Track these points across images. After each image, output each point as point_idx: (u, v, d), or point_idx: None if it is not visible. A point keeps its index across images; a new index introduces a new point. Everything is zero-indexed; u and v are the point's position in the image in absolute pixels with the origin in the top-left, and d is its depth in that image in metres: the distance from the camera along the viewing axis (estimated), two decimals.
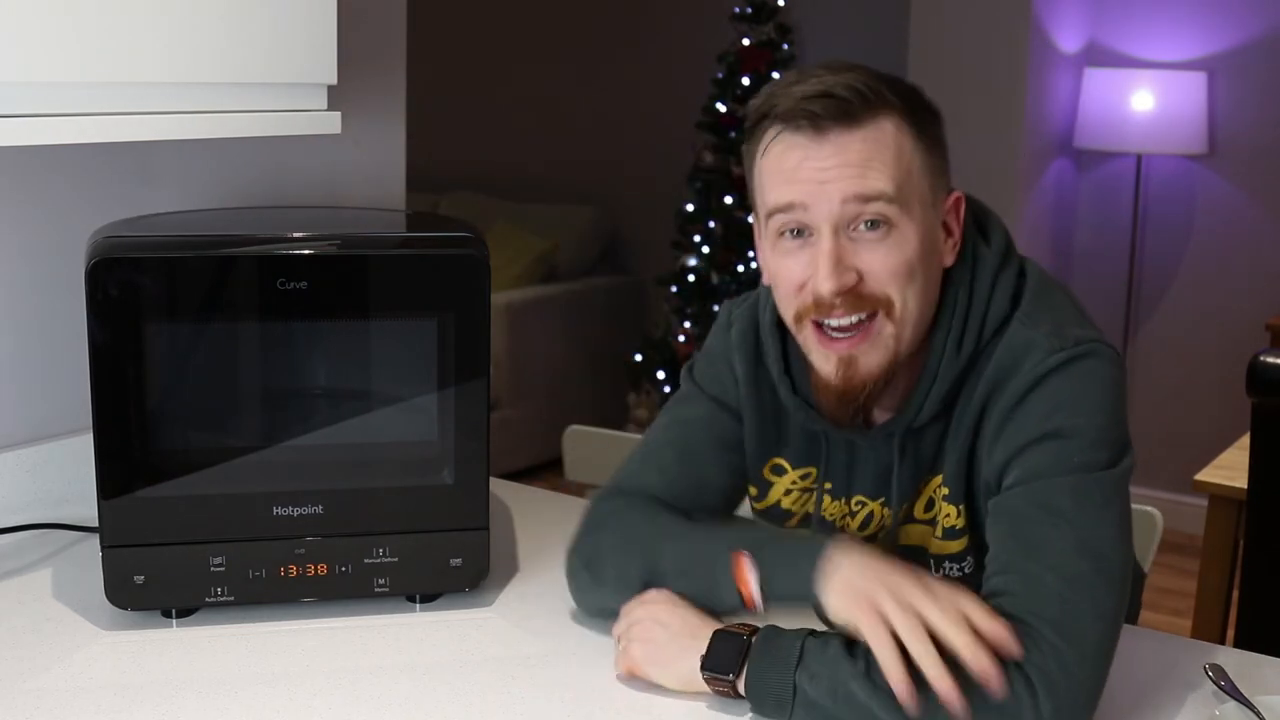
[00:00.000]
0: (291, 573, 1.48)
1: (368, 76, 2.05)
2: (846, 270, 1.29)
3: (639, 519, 1.44)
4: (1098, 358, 1.31)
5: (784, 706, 1.23)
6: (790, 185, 1.30)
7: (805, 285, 1.31)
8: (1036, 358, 1.31)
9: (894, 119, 1.30)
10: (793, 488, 1.50)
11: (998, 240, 1.39)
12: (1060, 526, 1.24)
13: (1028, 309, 1.35)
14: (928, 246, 1.32)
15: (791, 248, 1.32)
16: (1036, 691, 1.16)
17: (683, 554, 1.37)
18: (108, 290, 1.40)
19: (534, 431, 5.02)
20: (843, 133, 1.28)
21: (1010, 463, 1.30)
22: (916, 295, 1.31)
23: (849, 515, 1.47)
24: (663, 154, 5.42)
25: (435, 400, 1.52)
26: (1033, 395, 1.30)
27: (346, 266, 1.48)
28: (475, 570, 1.53)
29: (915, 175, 1.30)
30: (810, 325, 1.33)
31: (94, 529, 1.60)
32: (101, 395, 1.42)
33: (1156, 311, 4.64)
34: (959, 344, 1.35)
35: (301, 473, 1.50)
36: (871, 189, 1.28)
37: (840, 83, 1.28)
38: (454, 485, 1.52)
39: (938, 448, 1.40)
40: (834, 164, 1.28)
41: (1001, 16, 4.33)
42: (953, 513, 1.38)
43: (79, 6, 1.39)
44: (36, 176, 1.76)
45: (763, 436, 1.49)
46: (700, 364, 1.55)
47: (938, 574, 1.42)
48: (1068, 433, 1.28)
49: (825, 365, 1.34)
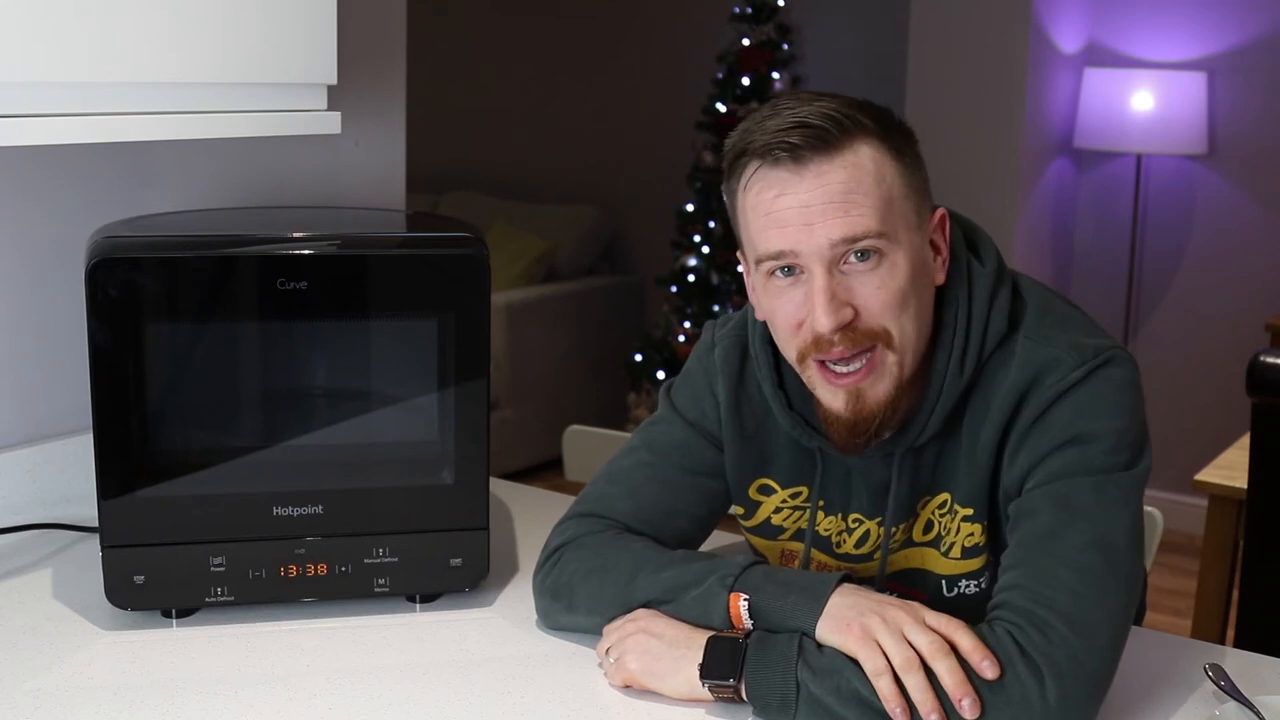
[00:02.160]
0: (291, 573, 1.48)
1: (368, 76, 2.05)
2: (842, 306, 1.29)
3: (608, 547, 1.43)
4: (1117, 364, 1.33)
5: (788, 706, 1.23)
6: (779, 231, 1.29)
7: (803, 324, 1.31)
8: (1060, 374, 1.32)
9: (871, 143, 1.29)
10: (783, 506, 1.49)
11: (990, 257, 1.39)
12: (1077, 523, 1.26)
13: (1036, 325, 1.36)
14: (918, 269, 1.32)
15: (783, 286, 1.32)
16: (1044, 680, 1.18)
17: (659, 586, 1.36)
18: (108, 290, 1.40)
19: (534, 431, 5.03)
20: (822, 162, 1.27)
21: (1032, 470, 1.32)
22: (912, 320, 1.32)
23: (846, 531, 1.46)
24: (663, 154, 5.42)
25: (435, 400, 1.52)
26: (1056, 407, 1.31)
27: (347, 266, 1.48)
28: (475, 570, 1.53)
29: (898, 200, 1.30)
30: (814, 364, 1.33)
31: (94, 529, 1.60)
32: (101, 395, 1.42)
33: (1156, 311, 4.64)
34: (961, 363, 1.35)
35: (302, 473, 1.50)
36: (857, 229, 1.27)
37: (814, 112, 1.28)
38: (454, 485, 1.52)
39: (935, 467, 1.40)
40: (818, 201, 1.27)
41: (1001, 16, 4.33)
42: (976, 531, 1.38)
43: (79, 7, 1.39)
44: (36, 176, 1.76)
45: (745, 459, 1.48)
46: (679, 387, 1.54)
47: (951, 593, 1.42)
48: (1089, 438, 1.29)
49: (834, 401, 1.34)
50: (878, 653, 1.21)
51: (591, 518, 1.48)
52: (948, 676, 1.18)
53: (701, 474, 1.49)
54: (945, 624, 1.22)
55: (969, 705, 1.17)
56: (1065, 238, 4.71)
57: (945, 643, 1.20)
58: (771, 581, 1.30)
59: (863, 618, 1.22)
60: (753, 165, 1.31)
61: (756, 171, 1.31)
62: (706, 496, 1.50)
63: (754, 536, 1.53)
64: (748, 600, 1.29)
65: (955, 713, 1.18)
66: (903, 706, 1.19)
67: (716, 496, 1.51)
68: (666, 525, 1.47)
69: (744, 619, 1.29)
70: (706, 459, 1.50)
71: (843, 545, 1.46)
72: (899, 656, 1.20)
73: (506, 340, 5.01)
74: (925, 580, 1.43)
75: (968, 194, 4.11)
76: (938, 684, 1.19)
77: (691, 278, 4.98)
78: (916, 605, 1.25)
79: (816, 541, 1.48)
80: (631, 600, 1.37)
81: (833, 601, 1.25)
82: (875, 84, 4.57)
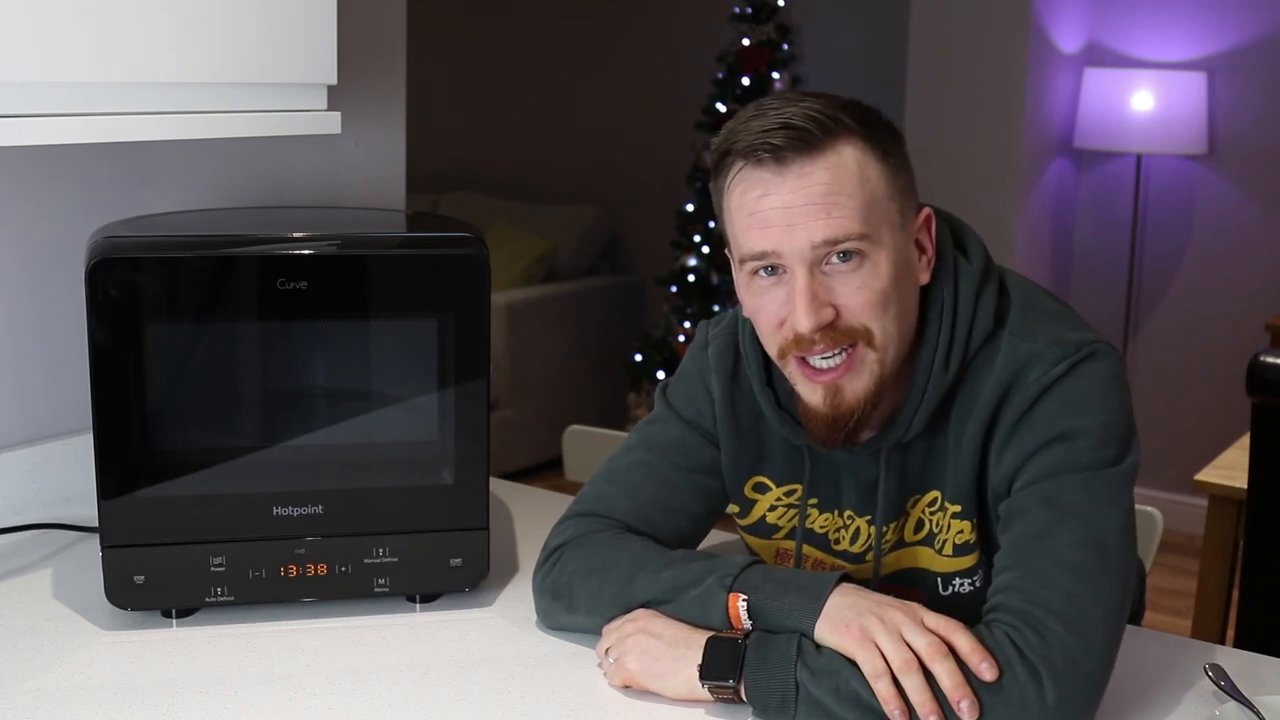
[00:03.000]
0: (291, 573, 1.48)
1: (368, 76, 2.05)
2: (823, 307, 1.29)
3: (607, 547, 1.43)
4: (1099, 358, 1.33)
5: (787, 707, 1.23)
6: (761, 232, 1.29)
7: (785, 322, 1.32)
8: (1041, 369, 1.32)
9: (854, 144, 1.29)
10: (778, 504, 1.49)
11: (977, 256, 1.40)
12: (1068, 521, 1.26)
13: (1020, 322, 1.36)
14: (902, 270, 1.32)
15: (766, 285, 1.32)
16: (1042, 682, 1.18)
17: (659, 587, 1.36)
18: (108, 290, 1.40)
19: (534, 431, 5.02)
20: (804, 163, 1.28)
21: (1020, 469, 1.32)
22: (895, 320, 1.32)
23: (843, 529, 1.46)
24: (663, 154, 5.42)
25: (435, 400, 1.52)
26: (1040, 403, 1.32)
27: (347, 266, 1.48)
28: (475, 570, 1.53)
29: (881, 200, 1.30)
30: (794, 360, 1.34)
31: (94, 529, 1.61)
32: (101, 395, 1.42)
33: (1156, 311, 4.64)
34: (946, 361, 1.35)
35: (302, 473, 1.50)
36: (839, 231, 1.27)
37: (798, 113, 1.28)
38: (454, 485, 1.52)
39: (923, 464, 1.40)
40: (801, 202, 1.28)
41: (1001, 16, 4.33)
42: (965, 528, 1.39)
43: (79, 7, 1.39)
44: (36, 176, 1.76)
45: (740, 456, 1.49)
46: (674, 386, 1.54)
47: (946, 592, 1.42)
48: (1075, 434, 1.30)
49: (813, 396, 1.35)
50: (876, 654, 1.21)
51: (591, 517, 1.48)
52: (946, 678, 1.18)
53: (699, 472, 1.50)
54: (943, 625, 1.22)
55: (967, 707, 1.18)
56: (1065, 238, 4.71)
57: (943, 644, 1.20)
58: (770, 581, 1.30)
59: (861, 619, 1.23)
60: (737, 165, 1.31)
61: (740, 171, 1.31)
62: (704, 494, 1.50)
63: (749, 536, 1.53)
64: (746, 600, 1.29)
65: (954, 714, 1.18)
66: (901, 708, 1.19)
67: (714, 494, 1.51)
68: (665, 524, 1.48)
69: (743, 619, 1.29)
70: (703, 457, 1.50)
71: (840, 543, 1.47)
72: (897, 658, 1.20)
73: (506, 340, 5.01)
74: (922, 579, 1.44)
75: (968, 194, 4.11)
76: (936, 686, 1.19)
77: (691, 278, 4.98)
78: (915, 606, 1.25)
79: (814, 539, 1.48)
80: (631, 600, 1.37)
81: (831, 602, 1.25)
82: (875, 84, 4.57)
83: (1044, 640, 1.20)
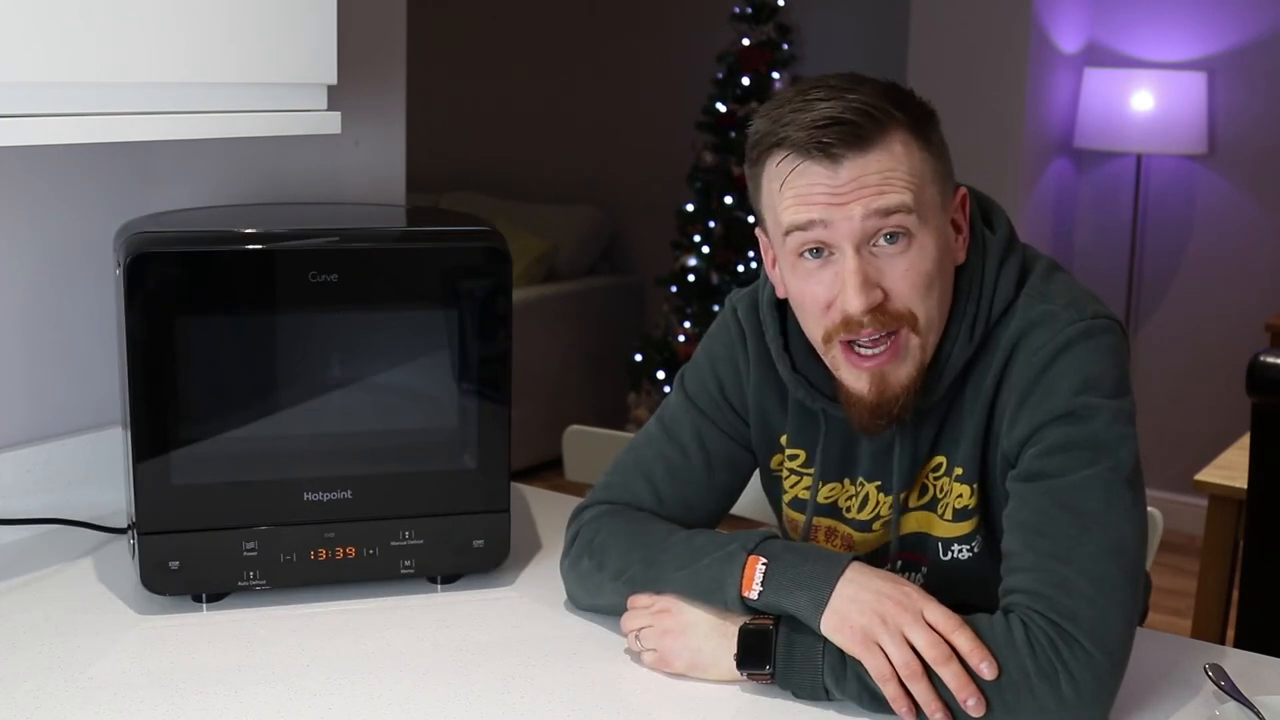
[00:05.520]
0: (321, 556, 1.52)
1: (368, 76, 2.05)
2: (873, 288, 1.29)
3: (638, 520, 1.47)
4: (1115, 335, 1.33)
5: (818, 694, 1.28)
6: (809, 205, 1.29)
7: (832, 305, 1.31)
8: (1056, 327, 1.32)
9: (902, 134, 1.30)
10: (781, 466, 1.51)
11: (1001, 227, 1.40)
12: (1091, 530, 1.26)
13: (1037, 285, 1.36)
14: (943, 251, 1.33)
15: (812, 268, 1.32)
16: (1059, 683, 1.20)
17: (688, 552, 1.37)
18: (145, 284, 1.43)
19: (534, 431, 5.02)
20: (856, 156, 1.27)
21: (1031, 437, 1.31)
22: (937, 303, 1.33)
23: (852, 497, 1.47)
24: (663, 154, 5.42)
25: (458, 388, 1.58)
26: (1055, 366, 1.31)
27: (377, 260, 1.53)
28: (497, 551, 1.58)
29: (928, 185, 1.31)
30: (840, 345, 1.33)
31: (107, 527, 1.65)
32: (137, 387, 1.45)
33: (1156, 311, 4.64)
34: (970, 332, 1.36)
35: (331, 459, 1.55)
36: (891, 203, 1.27)
37: (848, 107, 1.27)
38: (477, 469, 1.57)
39: (937, 430, 1.40)
40: (852, 186, 1.28)
41: (1001, 16, 4.33)
42: (965, 492, 1.39)
43: (80, 7, 1.39)
44: (37, 177, 1.76)
45: (769, 416, 1.49)
46: (691, 373, 1.54)
47: (946, 557, 1.43)
48: (1089, 414, 1.29)
49: (857, 383, 1.34)
50: (880, 657, 1.22)
51: (614, 504, 1.51)
52: (952, 681, 1.20)
53: (717, 466, 1.51)
54: (944, 621, 1.22)
55: (974, 704, 1.19)
56: (1065, 238, 4.71)
57: (946, 645, 1.21)
58: (789, 551, 1.32)
59: (862, 618, 1.23)
60: (782, 153, 1.30)
61: (789, 158, 1.30)
62: (721, 492, 1.53)
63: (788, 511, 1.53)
64: (765, 564, 1.30)
65: (962, 713, 1.20)
66: (909, 708, 1.21)
67: (731, 492, 1.54)
68: (686, 519, 1.49)
69: (756, 582, 1.30)
70: (721, 448, 1.51)
71: (850, 510, 1.47)
72: (901, 662, 1.21)
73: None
74: (925, 545, 1.44)
75: None
76: (941, 687, 1.21)
77: (691, 278, 4.98)
78: (915, 597, 1.25)
79: (827, 511, 1.48)
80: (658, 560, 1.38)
81: (837, 591, 1.26)
82: None
83: (1071, 652, 1.21)
